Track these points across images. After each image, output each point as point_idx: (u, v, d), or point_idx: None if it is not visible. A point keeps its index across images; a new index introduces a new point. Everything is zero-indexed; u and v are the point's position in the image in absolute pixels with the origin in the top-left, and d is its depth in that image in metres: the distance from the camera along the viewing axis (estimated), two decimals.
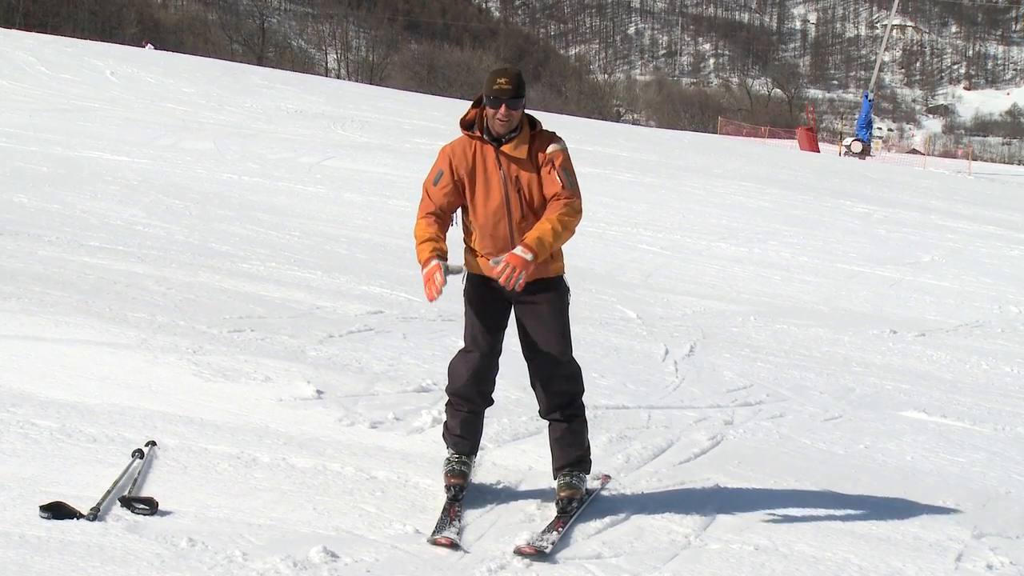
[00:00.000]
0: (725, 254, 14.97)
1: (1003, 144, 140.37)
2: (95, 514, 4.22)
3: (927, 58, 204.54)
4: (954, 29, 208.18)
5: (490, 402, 4.95)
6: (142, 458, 4.86)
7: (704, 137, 48.75)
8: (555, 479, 4.87)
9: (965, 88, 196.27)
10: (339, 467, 5.10)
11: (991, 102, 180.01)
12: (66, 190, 13.78)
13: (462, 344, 4.90)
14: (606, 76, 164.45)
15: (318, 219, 14.07)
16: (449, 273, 4.61)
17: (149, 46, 57.45)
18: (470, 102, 4.78)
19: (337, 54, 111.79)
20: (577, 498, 4.81)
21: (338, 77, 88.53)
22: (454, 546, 4.36)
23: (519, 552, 4.34)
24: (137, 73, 34.42)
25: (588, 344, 8.28)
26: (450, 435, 4.95)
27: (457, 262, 4.74)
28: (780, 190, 23.05)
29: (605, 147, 28.29)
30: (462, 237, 4.86)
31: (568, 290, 4.86)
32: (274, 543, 4.19)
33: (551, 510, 4.80)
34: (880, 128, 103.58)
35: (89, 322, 7.21)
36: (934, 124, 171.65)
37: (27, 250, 9.58)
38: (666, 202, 19.45)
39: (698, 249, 15.15)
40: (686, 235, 16.15)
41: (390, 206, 15.73)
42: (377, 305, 9.09)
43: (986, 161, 78.29)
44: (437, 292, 4.54)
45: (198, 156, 19.10)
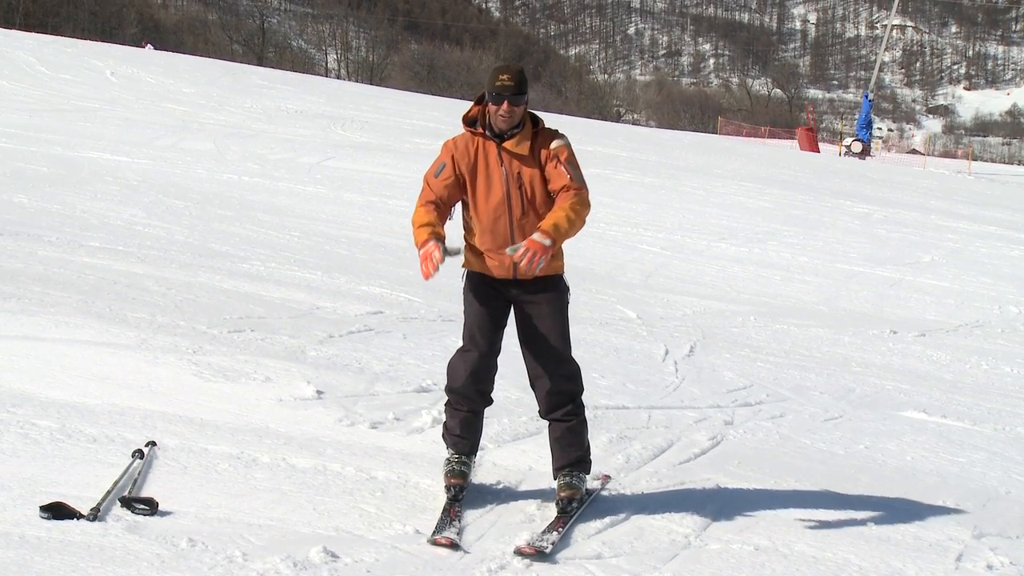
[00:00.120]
0: (725, 254, 14.97)
1: (1003, 144, 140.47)
2: (95, 514, 4.22)
3: (927, 58, 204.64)
4: (954, 29, 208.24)
5: (489, 402, 4.95)
6: (142, 458, 4.86)
7: (704, 137, 48.70)
8: (555, 479, 4.87)
9: (965, 88, 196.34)
10: (339, 467, 5.10)
11: (991, 102, 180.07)
12: (66, 190, 13.78)
13: (461, 343, 4.90)
14: (606, 76, 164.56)
15: (318, 219, 14.07)
16: (448, 253, 4.60)
17: (149, 46, 57.39)
18: (470, 102, 4.79)
19: (337, 54, 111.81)
20: (577, 498, 4.80)
21: (338, 77, 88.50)
22: (454, 546, 4.36)
23: (519, 552, 4.34)
24: (137, 73, 34.39)
25: (588, 344, 8.28)
26: (450, 435, 4.94)
27: (456, 244, 4.73)
28: (780, 190, 23.04)
29: (605, 147, 28.27)
30: (463, 235, 4.86)
31: (568, 289, 4.86)
32: (274, 543, 4.19)
33: (551, 510, 4.79)
34: (880, 128, 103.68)
35: (89, 322, 7.20)
36: (934, 124, 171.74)
37: (27, 250, 9.57)
38: (666, 202, 19.45)
39: (698, 249, 15.15)
40: (686, 235, 16.15)
41: (390, 206, 15.72)
42: (377, 305, 9.09)
43: (986, 161, 78.28)
44: (434, 269, 4.52)
45: (198, 156, 19.09)
